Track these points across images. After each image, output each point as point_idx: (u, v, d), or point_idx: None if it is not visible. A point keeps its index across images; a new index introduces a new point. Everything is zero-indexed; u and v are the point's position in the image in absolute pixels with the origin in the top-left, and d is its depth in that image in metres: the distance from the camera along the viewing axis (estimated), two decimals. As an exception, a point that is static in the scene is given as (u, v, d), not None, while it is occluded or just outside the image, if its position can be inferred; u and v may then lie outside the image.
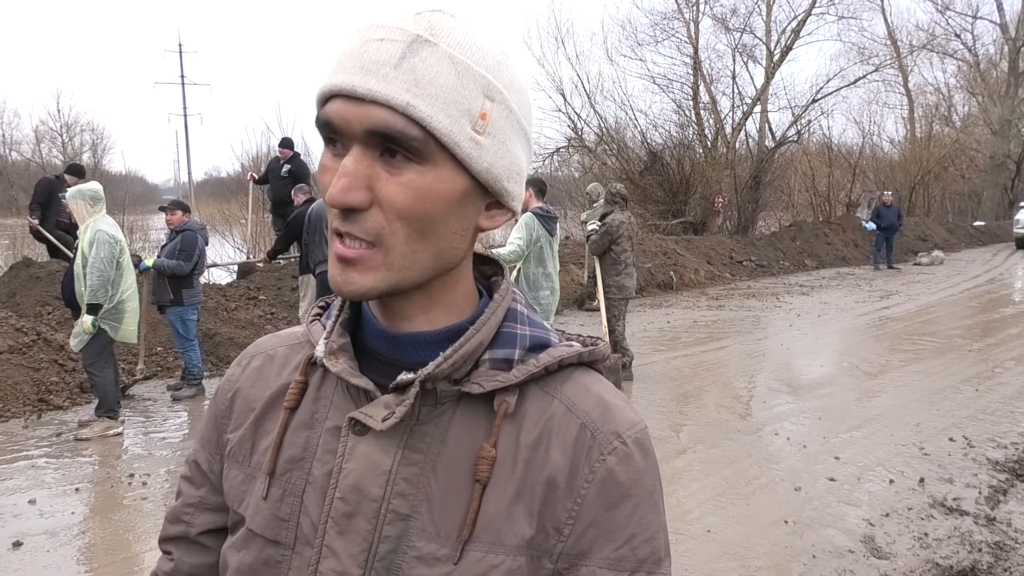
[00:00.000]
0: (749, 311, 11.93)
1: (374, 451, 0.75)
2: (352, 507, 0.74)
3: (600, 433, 0.75)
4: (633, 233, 7.44)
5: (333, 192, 0.68)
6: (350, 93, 0.68)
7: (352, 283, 0.71)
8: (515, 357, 0.76)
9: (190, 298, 6.88)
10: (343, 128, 0.69)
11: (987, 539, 4.13)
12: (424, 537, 0.73)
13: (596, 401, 0.77)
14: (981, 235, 26.80)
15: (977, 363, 8.26)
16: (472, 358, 0.75)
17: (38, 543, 4.08)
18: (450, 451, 0.75)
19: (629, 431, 0.76)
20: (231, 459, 0.86)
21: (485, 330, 0.76)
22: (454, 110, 0.68)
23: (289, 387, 0.84)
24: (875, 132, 32.07)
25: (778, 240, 19.14)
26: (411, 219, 0.69)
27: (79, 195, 5.75)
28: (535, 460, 0.74)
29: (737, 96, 22.48)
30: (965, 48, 33.64)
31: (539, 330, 0.79)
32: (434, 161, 0.69)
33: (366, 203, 0.69)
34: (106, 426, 5.83)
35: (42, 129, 36.65)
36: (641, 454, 0.76)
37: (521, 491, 0.73)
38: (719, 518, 4.35)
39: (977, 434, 5.83)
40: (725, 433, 5.89)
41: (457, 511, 0.73)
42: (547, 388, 0.77)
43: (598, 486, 0.73)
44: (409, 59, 0.68)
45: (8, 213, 28.73)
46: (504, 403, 0.75)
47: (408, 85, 0.67)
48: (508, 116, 0.73)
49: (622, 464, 0.74)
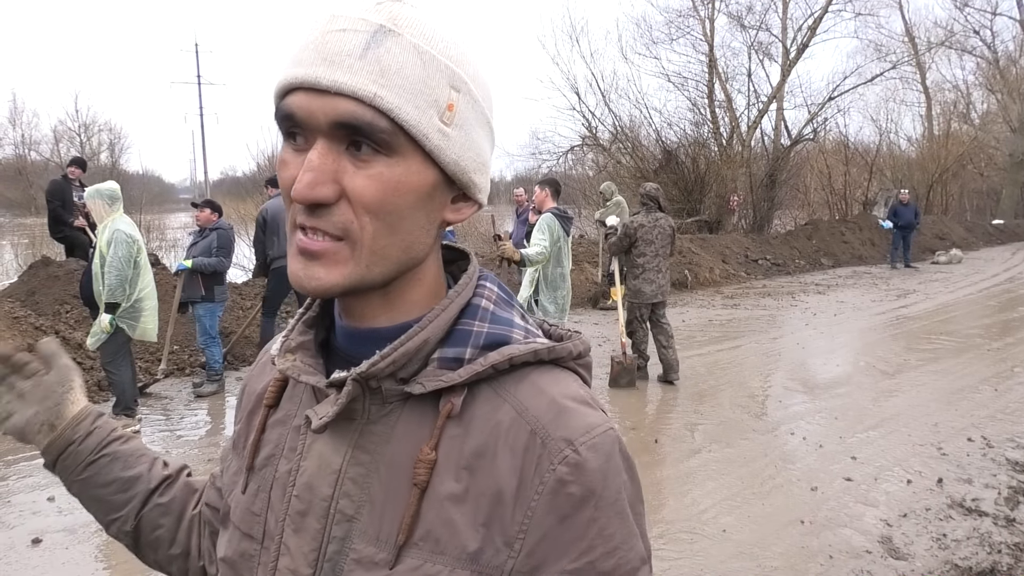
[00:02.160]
0: (764, 310, 11.86)
1: (327, 450, 0.74)
2: (305, 505, 0.74)
3: (550, 440, 0.69)
4: (658, 236, 7.06)
5: (299, 187, 0.66)
6: (313, 85, 0.66)
7: (316, 278, 0.68)
8: (465, 356, 0.72)
9: (220, 295, 7.00)
10: (307, 121, 0.67)
11: (1006, 540, 4.09)
12: (364, 539, 0.71)
13: (549, 404, 0.71)
14: (1000, 233, 26.52)
15: (996, 363, 8.18)
16: (418, 356, 0.72)
17: (57, 540, 4.12)
18: (394, 452, 0.72)
19: (583, 436, 0.69)
20: (234, 450, 0.90)
21: (432, 327, 0.72)
22: (421, 101, 0.67)
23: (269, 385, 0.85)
24: (892, 130, 31.94)
25: (794, 239, 19.03)
26: (380, 213, 0.68)
27: (97, 195, 5.79)
28: (480, 469, 0.69)
29: (753, 94, 22.36)
30: (984, 45, 33.30)
31: (500, 327, 0.74)
32: (402, 153, 0.68)
33: (333, 197, 0.67)
34: (124, 424, 5.85)
35: (60, 129, 37.13)
36: (599, 460, 0.69)
37: (463, 499, 0.69)
38: (735, 518, 4.33)
39: (996, 434, 5.78)
40: (741, 432, 5.87)
41: (397, 514, 0.70)
42: (499, 390, 0.72)
43: (548, 497, 0.67)
44: (374, 49, 0.66)
45: (27, 212, 29.09)
46: (449, 404, 0.71)
47: (374, 76, 0.65)
48: (474, 107, 0.72)
49: (574, 473, 0.67)
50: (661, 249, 7.07)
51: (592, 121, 21.32)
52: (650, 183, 7.40)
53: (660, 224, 7.08)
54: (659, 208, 7.14)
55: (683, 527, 4.22)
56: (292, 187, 0.67)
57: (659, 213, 7.13)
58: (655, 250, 7.05)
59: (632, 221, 7.09)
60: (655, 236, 7.04)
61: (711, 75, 21.86)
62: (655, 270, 7.07)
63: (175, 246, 20.50)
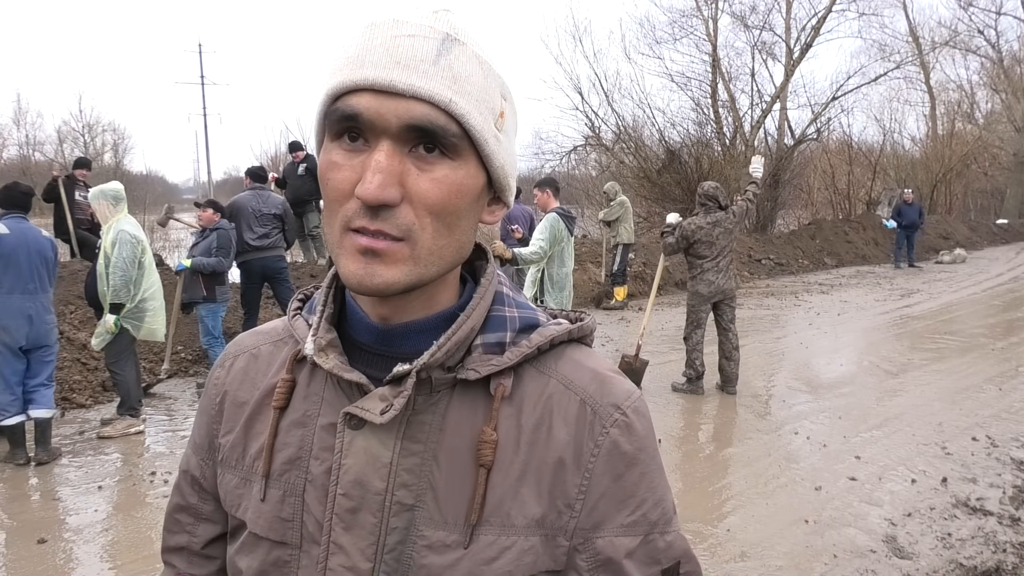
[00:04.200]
0: (768, 310, 11.85)
1: (372, 444, 0.74)
2: (356, 502, 0.74)
3: (600, 407, 0.76)
4: (719, 237, 6.70)
5: (370, 188, 0.66)
6: (387, 88, 0.67)
7: (377, 276, 0.69)
8: (507, 340, 0.77)
9: (222, 295, 7.01)
10: (375, 122, 0.67)
11: (1011, 539, 4.08)
12: (432, 525, 0.73)
13: (592, 376, 0.78)
14: (1004, 233, 26.46)
15: (1000, 362, 8.16)
16: (464, 344, 0.75)
17: (62, 540, 4.13)
18: (449, 438, 0.75)
19: (627, 401, 0.77)
20: (224, 464, 0.86)
21: (475, 315, 0.76)
22: (484, 108, 0.71)
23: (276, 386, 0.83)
24: (896, 130, 31.79)
25: (797, 238, 19.01)
26: (441, 214, 0.70)
27: (101, 195, 5.80)
28: (538, 440, 0.75)
29: (756, 94, 22.34)
30: (988, 44, 33.23)
31: (527, 311, 0.80)
32: (464, 157, 0.71)
33: (400, 199, 0.68)
34: (128, 424, 5.89)
35: (64, 129, 37.02)
36: (641, 422, 0.77)
37: (527, 472, 0.74)
38: (739, 517, 4.33)
39: (1000, 433, 5.76)
40: (744, 432, 5.86)
41: (463, 497, 0.74)
42: (541, 368, 0.78)
43: (605, 458, 0.75)
44: (445, 56, 0.68)
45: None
46: (501, 386, 0.75)
47: (448, 82, 0.68)
48: (514, 116, 0.77)
49: (625, 434, 0.76)
50: (724, 249, 6.76)
51: (595, 121, 21.30)
52: (708, 183, 7.03)
53: (722, 224, 6.74)
54: (719, 207, 6.81)
55: (687, 527, 4.22)
56: (346, 188, 0.69)
57: (719, 213, 6.77)
58: (716, 251, 6.72)
59: (690, 223, 6.76)
60: (716, 237, 6.71)
61: (714, 75, 21.84)
62: (715, 271, 6.74)
63: (178, 246, 20.55)
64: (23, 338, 5.03)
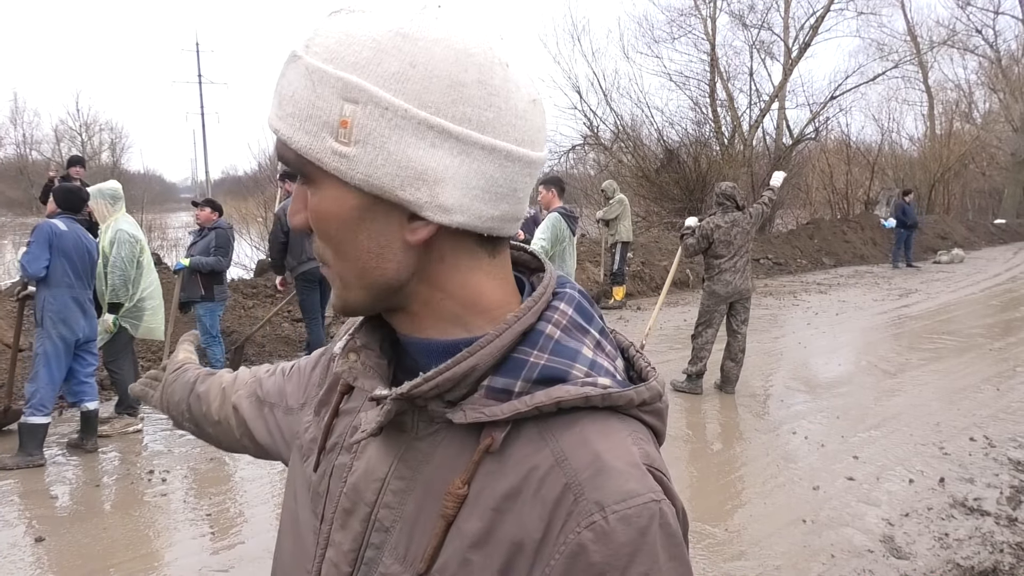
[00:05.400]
0: (766, 309, 11.86)
1: (375, 456, 0.74)
2: (351, 505, 0.75)
3: (583, 500, 0.62)
4: (737, 236, 6.70)
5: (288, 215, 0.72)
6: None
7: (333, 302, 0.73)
8: (515, 388, 0.66)
9: (220, 294, 7.02)
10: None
11: (1008, 540, 4.09)
12: (393, 556, 0.70)
13: (591, 459, 0.64)
14: (1002, 233, 26.47)
15: (998, 362, 8.18)
16: (467, 382, 0.67)
17: (59, 538, 4.13)
18: (431, 474, 0.70)
19: (617, 504, 0.62)
20: (315, 414, 0.89)
21: (482, 354, 0.66)
22: (311, 125, 0.64)
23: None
24: (894, 129, 31.80)
25: (795, 238, 19.01)
26: (325, 240, 0.69)
27: (99, 195, 5.80)
28: (507, 513, 0.65)
29: (754, 93, 22.34)
30: (986, 44, 33.24)
31: (560, 360, 0.67)
32: (317, 181, 0.67)
33: (306, 226, 0.70)
34: (126, 423, 5.89)
35: (62, 128, 37.06)
36: (630, 534, 0.61)
37: (484, 542, 0.65)
38: (737, 517, 4.33)
39: (998, 434, 5.77)
40: (742, 432, 5.87)
41: (424, 539, 0.68)
42: (544, 431, 0.66)
43: (567, 561, 0.61)
44: (279, 81, 0.68)
45: (29, 212, 29.10)
46: (490, 439, 0.66)
47: (276, 109, 0.68)
48: (383, 114, 0.63)
49: (598, 543, 0.61)
50: (740, 249, 6.75)
51: (594, 120, 21.31)
52: (725, 182, 7.06)
53: (740, 224, 6.74)
54: (736, 207, 6.81)
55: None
56: None
57: (736, 212, 6.77)
58: (733, 251, 6.72)
59: (708, 222, 6.75)
60: (734, 236, 6.71)
61: (713, 74, 21.85)
62: (732, 271, 6.72)
63: (176, 245, 20.53)
64: (80, 331, 5.22)
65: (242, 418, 1.07)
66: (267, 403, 1.04)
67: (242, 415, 1.07)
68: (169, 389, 1.24)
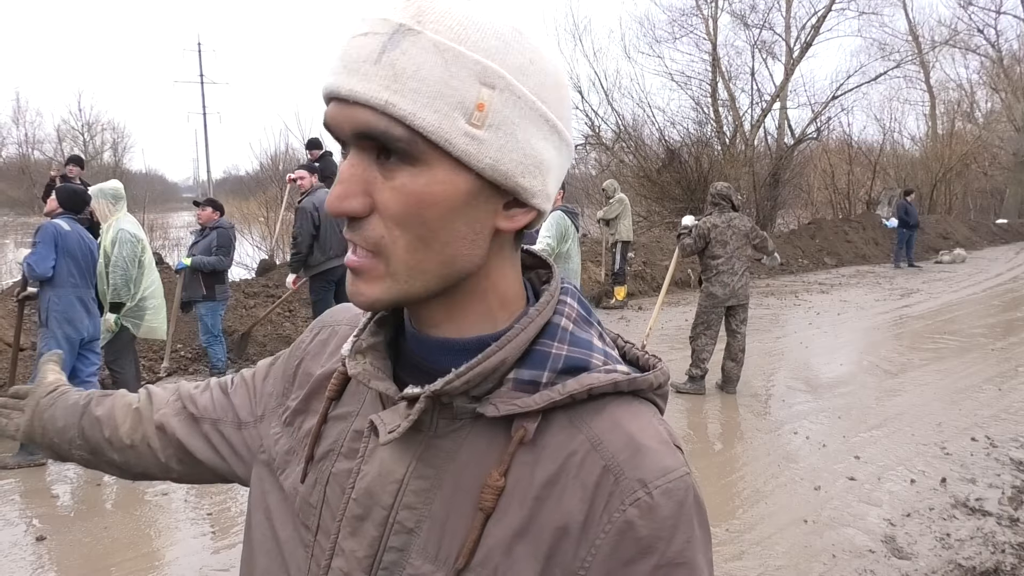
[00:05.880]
0: (768, 309, 11.86)
1: (390, 458, 0.73)
2: (363, 511, 0.73)
3: (624, 479, 0.65)
4: (732, 237, 6.66)
5: (330, 199, 0.65)
6: (336, 95, 0.64)
7: (360, 294, 0.68)
8: (542, 380, 0.68)
9: (221, 294, 7.03)
10: (336, 132, 0.66)
11: (1010, 540, 4.09)
12: (422, 556, 0.69)
13: (626, 441, 0.67)
14: (1004, 233, 26.45)
15: (1000, 362, 8.17)
16: (494, 376, 0.68)
17: (61, 537, 4.13)
18: (459, 471, 0.70)
19: (658, 479, 0.66)
20: (285, 426, 0.87)
21: (510, 348, 0.68)
22: (442, 104, 0.62)
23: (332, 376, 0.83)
24: (896, 129, 31.79)
25: (797, 238, 19.00)
26: (408, 226, 0.65)
27: (101, 194, 5.80)
28: (548, 499, 0.67)
29: (756, 93, 22.36)
30: (988, 44, 33.23)
31: (579, 350, 0.70)
32: (427, 161, 0.64)
33: (363, 210, 0.65)
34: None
35: (64, 128, 37.03)
36: (672, 507, 0.65)
37: (526, 530, 0.66)
38: (738, 517, 4.33)
39: (1000, 434, 5.77)
40: (744, 432, 5.87)
41: (457, 536, 0.68)
42: (574, 418, 0.69)
43: (615, 538, 0.64)
44: (389, 52, 0.62)
45: (31, 211, 29.12)
46: (522, 430, 0.68)
47: (387, 81, 0.62)
48: (516, 103, 0.65)
49: (644, 517, 0.64)
50: (736, 250, 6.70)
51: (595, 120, 21.32)
52: (721, 182, 7.03)
53: (734, 224, 6.72)
54: (732, 207, 6.78)
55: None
56: None
57: (732, 212, 6.76)
58: (729, 251, 6.68)
59: (704, 222, 6.73)
60: (729, 237, 6.68)
61: (714, 74, 21.86)
62: (729, 272, 6.69)
63: (178, 245, 20.54)
64: (84, 331, 5.25)
65: (173, 438, 0.98)
66: (206, 419, 0.97)
67: (172, 435, 0.98)
68: (47, 414, 1.08)
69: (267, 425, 0.90)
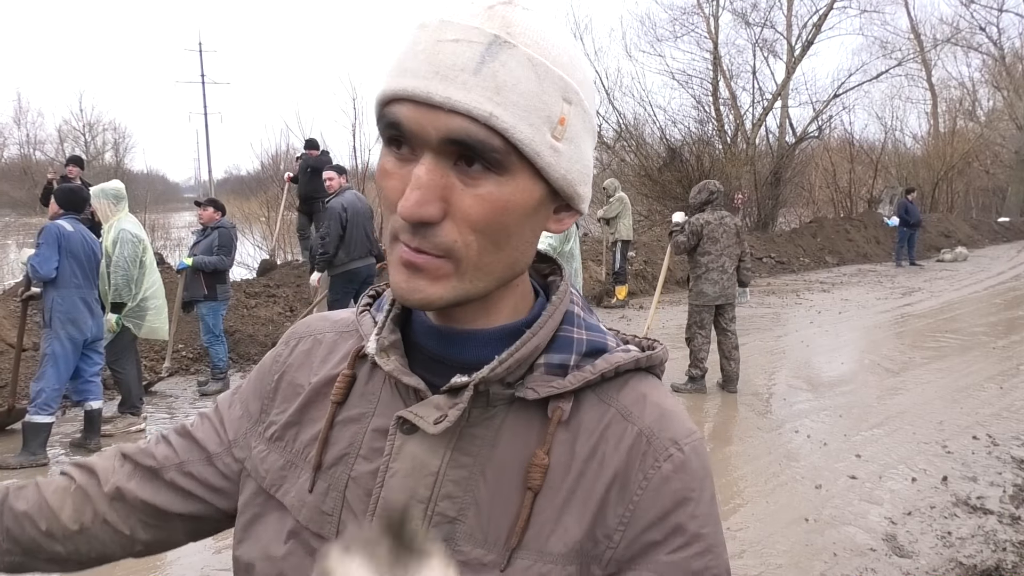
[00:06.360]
0: (769, 308, 11.86)
1: (422, 451, 0.73)
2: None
3: (656, 439, 0.72)
4: (723, 235, 6.67)
5: (407, 205, 0.64)
6: (425, 100, 0.64)
7: (419, 291, 0.67)
8: (571, 363, 0.74)
9: (222, 293, 7.04)
10: (416, 134, 0.65)
11: (1011, 538, 4.09)
12: (471, 542, 0.71)
13: (653, 408, 0.74)
14: (1006, 231, 26.44)
15: (1001, 360, 8.16)
16: (527, 362, 0.73)
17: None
18: (500, 456, 0.72)
19: (687, 438, 0.73)
20: (273, 441, 0.84)
21: (542, 334, 0.73)
22: (535, 118, 0.65)
23: (336, 379, 0.81)
24: (897, 127, 31.70)
25: (798, 237, 19.00)
26: (486, 232, 0.66)
27: (102, 194, 5.81)
28: (589, 470, 0.72)
29: (757, 91, 22.37)
30: (990, 42, 33.19)
31: (596, 334, 0.77)
32: (512, 171, 0.66)
33: (439, 216, 0.65)
34: (129, 422, 5.90)
35: (65, 129, 37.06)
36: (700, 461, 0.73)
37: (572, 500, 0.71)
38: (739, 516, 4.33)
39: (1001, 432, 5.76)
40: (745, 430, 5.87)
41: (505, 517, 0.71)
42: (602, 395, 0.75)
43: (653, 492, 0.70)
44: (489, 63, 0.64)
45: (32, 212, 29.15)
46: (559, 410, 0.72)
47: (490, 93, 0.63)
48: (583, 117, 0.70)
49: (679, 472, 0.71)
50: (726, 248, 6.68)
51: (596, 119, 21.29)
52: (711, 180, 7.02)
53: (725, 222, 6.72)
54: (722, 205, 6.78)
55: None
56: (394, 197, 0.67)
57: (723, 211, 6.78)
58: (720, 249, 6.67)
59: (698, 218, 6.69)
60: (720, 234, 6.67)
61: (715, 72, 21.85)
62: (719, 270, 6.68)
63: (179, 245, 20.56)
64: (88, 331, 5.24)
65: (136, 502, 0.89)
66: (169, 468, 0.89)
67: (135, 498, 0.89)
68: None
69: (243, 448, 0.87)
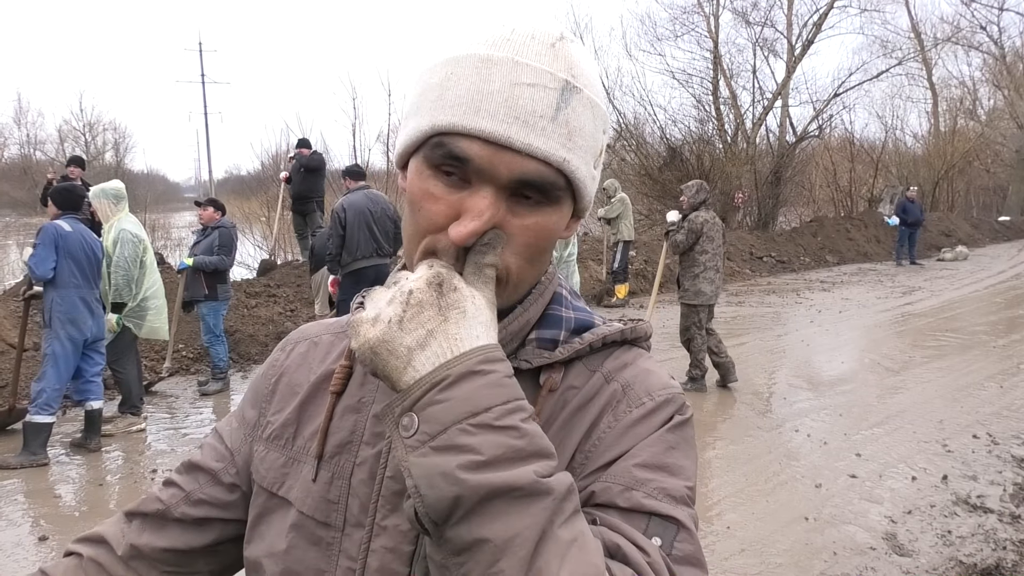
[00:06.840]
0: (769, 307, 11.85)
1: None
2: (402, 485, 0.74)
3: (632, 390, 0.77)
4: (718, 234, 6.70)
5: (463, 233, 0.67)
6: (505, 143, 0.67)
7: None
8: (560, 338, 0.79)
9: (223, 293, 7.04)
10: (485, 171, 0.68)
11: (1011, 537, 4.09)
12: None
13: (635, 370, 0.79)
14: (1006, 230, 26.42)
15: (1001, 359, 8.16)
16: (519, 336, 0.78)
17: (63, 538, 4.14)
18: None
19: (661, 390, 0.77)
20: (271, 441, 0.87)
21: (533, 309, 0.79)
22: (589, 155, 0.72)
23: (335, 372, 0.85)
24: (898, 126, 31.66)
25: (799, 236, 18.99)
26: (526, 253, 0.72)
27: (103, 194, 5.82)
28: (573, 422, 0.76)
29: (757, 91, 22.33)
30: (991, 41, 33.13)
31: (583, 313, 0.82)
32: (562, 202, 0.72)
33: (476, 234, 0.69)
34: (129, 422, 5.91)
35: (65, 129, 37.04)
36: (673, 407, 0.76)
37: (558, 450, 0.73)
38: (739, 515, 4.33)
39: (1001, 431, 5.76)
40: (745, 430, 5.87)
41: None
42: (589, 364, 0.80)
43: (619, 432, 0.74)
44: (563, 110, 0.68)
45: (32, 212, 29.16)
46: (550, 379, 0.77)
47: (563, 139, 0.68)
48: (605, 145, 0.75)
49: (648, 416, 0.75)
50: (719, 247, 6.72)
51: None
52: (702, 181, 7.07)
53: (718, 221, 6.75)
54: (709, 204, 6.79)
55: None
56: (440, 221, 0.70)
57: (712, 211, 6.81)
58: (715, 248, 6.68)
59: (697, 216, 6.66)
60: (715, 233, 6.68)
61: (716, 72, 21.82)
62: (714, 269, 6.68)
63: (180, 245, 20.56)
64: (88, 331, 5.24)
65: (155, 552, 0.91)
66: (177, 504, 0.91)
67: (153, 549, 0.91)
68: None
69: (244, 455, 0.90)
